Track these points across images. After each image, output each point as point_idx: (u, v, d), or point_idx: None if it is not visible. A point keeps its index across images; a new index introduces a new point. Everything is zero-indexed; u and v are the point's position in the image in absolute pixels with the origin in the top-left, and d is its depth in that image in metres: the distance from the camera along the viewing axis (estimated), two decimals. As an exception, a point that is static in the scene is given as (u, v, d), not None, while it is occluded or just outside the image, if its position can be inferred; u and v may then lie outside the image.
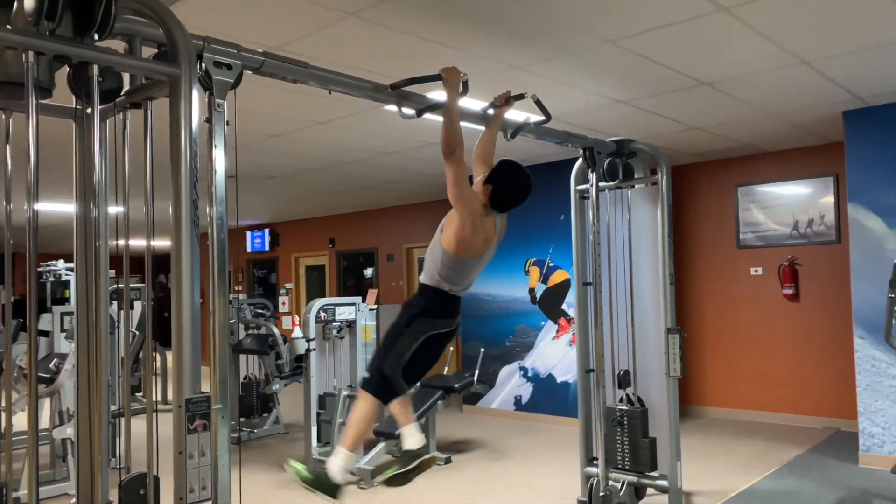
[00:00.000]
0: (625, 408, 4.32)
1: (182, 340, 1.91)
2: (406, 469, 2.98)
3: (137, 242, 2.21)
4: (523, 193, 2.99)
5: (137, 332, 7.37)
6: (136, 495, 2.06)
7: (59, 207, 8.67)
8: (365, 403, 2.98)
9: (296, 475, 2.96)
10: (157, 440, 2.11)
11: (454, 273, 2.94)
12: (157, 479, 2.10)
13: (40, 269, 8.40)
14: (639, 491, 4.45)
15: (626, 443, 4.27)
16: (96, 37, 1.86)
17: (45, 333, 5.83)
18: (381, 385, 2.97)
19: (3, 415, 2.20)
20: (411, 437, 3.02)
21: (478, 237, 2.89)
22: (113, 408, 2.39)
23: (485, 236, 2.93)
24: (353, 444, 2.94)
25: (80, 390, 2.21)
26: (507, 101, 3.25)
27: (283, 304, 11.96)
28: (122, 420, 2.17)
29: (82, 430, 2.18)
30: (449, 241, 2.90)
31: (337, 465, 2.90)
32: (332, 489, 2.89)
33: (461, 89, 2.92)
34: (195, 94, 1.97)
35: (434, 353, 3.04)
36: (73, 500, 2.29)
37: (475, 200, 2.90)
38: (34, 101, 1.78)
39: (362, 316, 5.93)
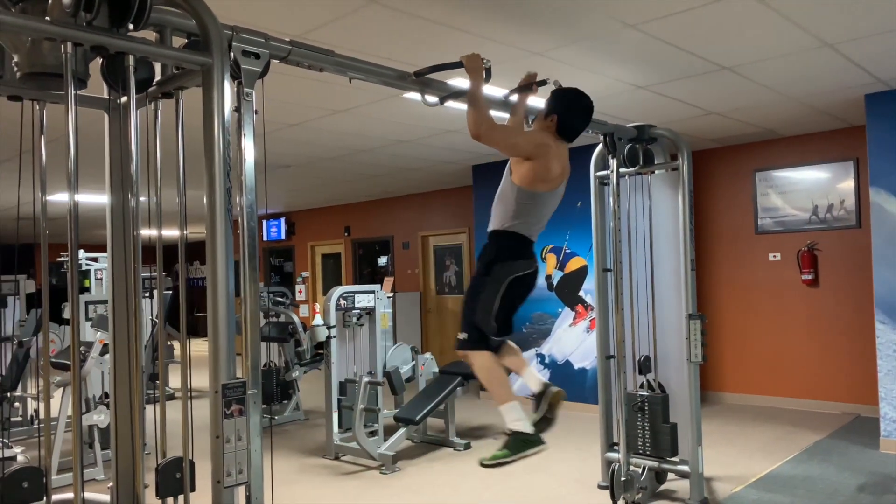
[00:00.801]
0: (646, 393, 4.34)
1: (218, 327, 1.93)
2: (544, 415, 2.98)
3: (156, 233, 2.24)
4: (587, 112, 3.09)
5: (156, 321, 7.45)
6: (172, 479, 2.11)
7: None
8: (479, 358, 2.95)
9: (496, 459, 2.95)
10: (192, 426, 2.16)
11: (526, 211, 2.93)
12: (192, 463, 2.15)
13: (60, 259, 8.48)
14: (660, 476, 4.47)
15: (646, 428, 4.30)
16: (131, 27, 1.88)
17: (69, 322, 5.90)
18: (482, 340, 2.95)
19: (40, 402, 2.25)
20: (532, 379, 3.06)
21: (554, 166, 2.91)
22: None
23: (561, 164, 2.96)
24: (506, 396, 2.92)
25: (117, 377, 2.25)
26: (529, 84, 3.24)
27: (300, 292, 12.04)
28: (156, 406, 2.22)
29: (121, 416, 2.23)
30: (523, 175, 2.89)
31: (514, 419, 2.90)
32: (534, 441, 2.92)
33: (484, 76, 2.92)
34: (227, 83, 1.99)
35: (519, 298, 3.01)
36: (110, 484, 2.33)
37: (538, 134, 2.95)
38: (73, 92, 1.80)
39: (381, 303, 5.96)
